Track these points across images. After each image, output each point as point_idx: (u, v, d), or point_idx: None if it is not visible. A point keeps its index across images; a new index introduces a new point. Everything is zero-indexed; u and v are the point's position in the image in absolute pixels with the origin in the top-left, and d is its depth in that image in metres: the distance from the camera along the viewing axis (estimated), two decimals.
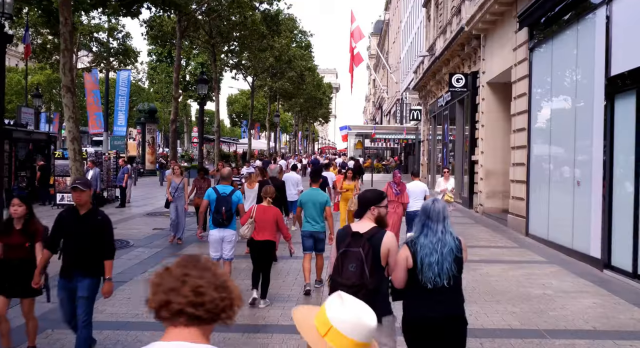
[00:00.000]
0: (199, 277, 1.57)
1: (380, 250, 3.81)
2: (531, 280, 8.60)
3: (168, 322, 1.57)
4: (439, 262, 3.58)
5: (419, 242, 3.67)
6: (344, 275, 3.76)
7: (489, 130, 17.89)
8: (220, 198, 7.31)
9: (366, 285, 3.67)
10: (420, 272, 3.61)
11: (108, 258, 4.97)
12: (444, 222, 3.68)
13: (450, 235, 3.67)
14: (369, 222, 4.00)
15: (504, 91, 17.42)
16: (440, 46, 24.27)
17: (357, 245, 3.80)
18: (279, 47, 25.64)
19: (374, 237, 3.83)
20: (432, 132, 29.15)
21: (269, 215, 7.07)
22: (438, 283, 3.58)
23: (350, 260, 3.77)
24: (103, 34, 28.74)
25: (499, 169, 17.68)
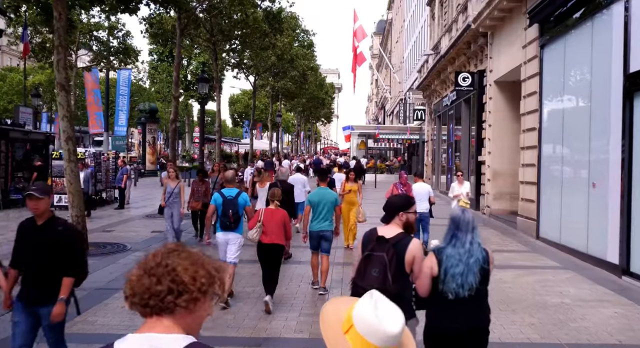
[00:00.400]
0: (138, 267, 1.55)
1: (405, 256, 3.77)
2: (547, 287, 8.17)
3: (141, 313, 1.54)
4: (464, 273, 3.54)
5: (446, 251, 3.61)
6: (366, 279, 3.72)
7: (496, 130, 17.45)
8: (227, 201, 7.23)
9: (388, 290, 3.53)
10: (443, 282, 3.57)
11: (67, 275, 4.17)
12: (473, 232, 3.63)
13: (478, 246, 3.62)
14: (396, 227, 3.95)
15: (512, 90, 16.99)
16: (445, 44, 23.84)
17: (381, 249, 3.76)
18: (281, 46, 25.23)
19: (400, 243, 3.79)
20: (436, 132, 28.71)
21: (276, 218, 7.00)
22: (459, 294, 3.54)
23: (373, 265, 3.74)
24: (103, 33, 28.37)
25: (507, 170, 17.25)
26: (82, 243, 4.39)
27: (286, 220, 7.09)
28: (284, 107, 51.51)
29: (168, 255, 1.56)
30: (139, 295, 1.52)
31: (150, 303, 1.51)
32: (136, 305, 1.53)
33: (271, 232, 6.93)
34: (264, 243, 6.98)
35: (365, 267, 3.79)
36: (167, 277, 1.51)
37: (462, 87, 19.07)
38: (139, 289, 1.52)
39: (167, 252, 1.57)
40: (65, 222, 4.37)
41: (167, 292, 1.50)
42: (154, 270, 1.53)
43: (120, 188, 17.50)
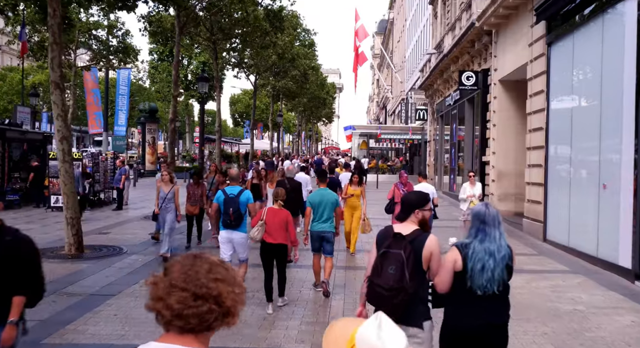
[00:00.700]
0: (185, 289, 1.53)
1: (422, 253, 3.68)
2: (558, 293, 7.86)
3: (165, 328, 1.57)
4: (494, 268, 3.47)
5: (472, 246, 3.53)
6: (382, 278, 3.63)
7: (501, 129, 17.14)
8: (228, 199, 7.21)
9: (405, 288, 3.55)
10: (470, 278, 3.49)
11: (19, 293, 3.61)
12: (499, 227, 3.59)
13: (505, 241, 3.58)
14: (412, 224, 3.86)
15: (517, 89, 16.68)
16: (448, 43, 23.53)
17: (398, 247, 3.67)
18: (282, 45, 24.91)
19: (417, 240, 3.71)
20: (439, 132, 28.40)
21: (280, 217, 6.89)
22: (489, 290, 3.48)
23: (390, 262, 3.65)
24: (102, 32, 28.07)
25: (512, 170, 16.95)
26: (36, 256, 3.77)
27: (289, 220, 6.97)
28: (284, 107, 51.22)
29: (207, 274, 1.57)
30: (184, 319, 1.53)
31: (191, 325, 1.54)
32: (174, 326, 1.55)
33: (275, 231, 6.82)
34: (267, 243, 6.86)
35: (382, 265, 3.69)
36: (212, 300, 1.55)
37: (466, 86, 18.76)
38: (185, 312, 1.53)
39: (205, 271, 1.58)
40: (17, 232, 3.78)
41: (212, 315, 1.55)
42: (200, 291, 1.54)
43: (118, 189, 17.19)
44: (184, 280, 1.55)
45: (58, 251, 10.37)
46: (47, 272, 8.54)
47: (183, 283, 1.55)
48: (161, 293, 1.55)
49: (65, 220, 10.31)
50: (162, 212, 10.14)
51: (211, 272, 1.58)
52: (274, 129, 43.35)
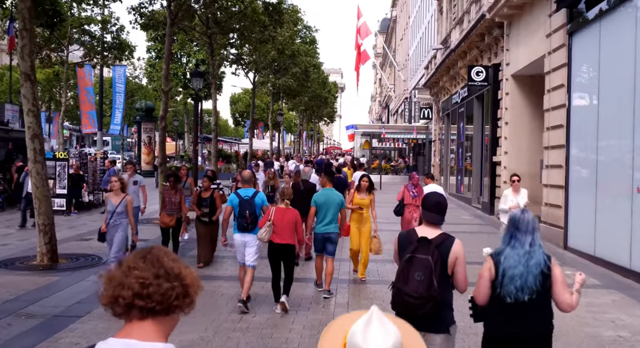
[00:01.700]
0: (145, 269, 1.55)
1: (448, 258, 3.58)
2: (594, 313, 6.82)
3: (124, 317, 1.56)
4: (523, 275, 3.36)
5: (504, 253, 3.46)
6: (410, 285, 3.49)
7: (513, 128, 16.11)
8: (243, 201, 7.06)
9: (434, 296, 3.44)
10: (500, 284, 3.40)
11: None
12: (534, 234, 3.46)
13: (539, 248, 3.44)
14: (436, 228, 3.73)
15: (532, 84, 15.68)
16: (455, 38, 22.48)
17: (425, 252, 3.54)
18: (282, 40, 23.87)
19: (443, 244, 3.60)
20: (444, 131, 27.35)
21: (288, 217, 6.79)
22: (519, 297, 3.35)
23: (417, 268, 3.51)
24: (95, 27, 27.07)
25: (525, 171, 15.82)
26: None
27: (298, 220, 6.88)
28: (285, 105, 50.19)
29: (165, 257, 1.60)
30: (146, 298, 1.52)
31: (152, 304, 1.53)
32: (135, 309, 1.54)
33: (282, 231, 6.71)
34: (275, 243, 6.73)
35: (408, 271, 3.53)
36: (173, 278, 1.56)
37: (476, 82, 17.72)
38: (146, 291, 1.52)
39: (163, 254, 1.62)
40: None
41: (173, 291, 1.55)
42: (160, 271, 1.56)
43: (106, 191, 16.12)
44: (143, 262, 1.57)
45: (29, 261, 9.35)
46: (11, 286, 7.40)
47: (142, 264, 1.56)
48: (119, 279, 1.54)
49: (37, 227, 9.31)
50: (109, 229, 8.04)
51: (168, 255, 1.63)
52: (274, 129, 42.29)
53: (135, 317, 1.54)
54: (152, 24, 17.40)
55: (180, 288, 1.56)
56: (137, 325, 1.54)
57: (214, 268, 9.33)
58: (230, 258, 10.19)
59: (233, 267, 9.53)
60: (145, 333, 1.53)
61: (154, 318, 1.54)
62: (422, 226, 3.80)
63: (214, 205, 9.27)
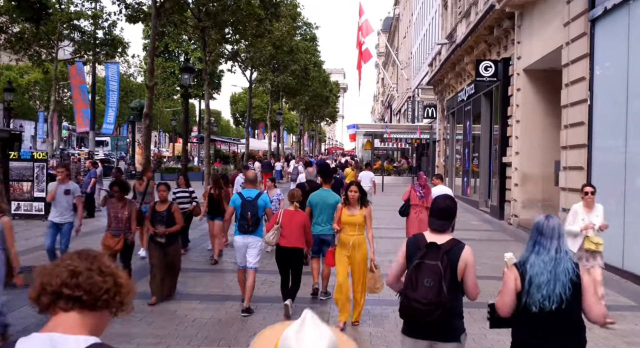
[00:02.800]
0: (78, 261, 1.55)
1: (457, 264, 3.47)
2: (634, 345, 5.69)
3: (51, 310, 1.52)
4: (550, 282, 3.22)
5: (529, 260, 3.32)
6: (419, 292, 3.38)
7: (525, 126, 14.99)
8: (246, 202, 6.83)
9: (444, 303, 3.33)
10: (527, 293, 3.27)
11: None
12: (559, 240, 3.31)
13: (566, 255, 3.29)
14: (446, 233, 3.61)
15: (545, 79, 14.58)
16: (462, 32, 21.35)
17: (434, 258, 3.43)
18: (279, 35, 22.77)
19: (452, 251, 3.49)
20: (449, 131, 26.19)
21: (296, 220, 6.67)
22: (546, 307, 3.20)
23: (425, 274, 3.40)
24: (85, 22, 26.01)
25: (538, 173, 14.82)
26: None
27: (307, 222, 6.76)
28: (285, 105, 49.10)
29: (101, 256, 1.60)
30: (73, 287, 1.50)
31: (80, 293, 1.50)
32: (62, 299, 1.50)
33: (290, 234, 6.59)
34: (282, 246, 6.64)
35: (417, 277, 3.44)
36: (107, 274, 1.55)
37: (484, 77, 16.58)
38: (75, 280, 1.51)
39: (97, 254, 1.61)
40: None
41: (105, 285, 1.53)
42: (93, 266, 1.54)
43: (86, 194, 15.06)
44: (78, 257, 1.56)
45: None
46: None
47: (77, 257, 1.55)
48: (49, 269, 1.53)
49: None
50: None
51: (106, 256, 1.61)
52: (273, 128, 41.19)
53: (61, 308, 1.50)
54: (138, 16, 16.28)
55: (112, 284, 1.54)
56: (63, 317, 1.49)
57: (187, 285, 8.20)
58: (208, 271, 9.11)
59: (213, 281, 8.46)
60: (69, 326, 1.48)
61: (81, 310, 1.50)
62: (430, 232, 3.65)
63: (172, 221, 7.31)
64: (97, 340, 1.48)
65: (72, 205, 8.43)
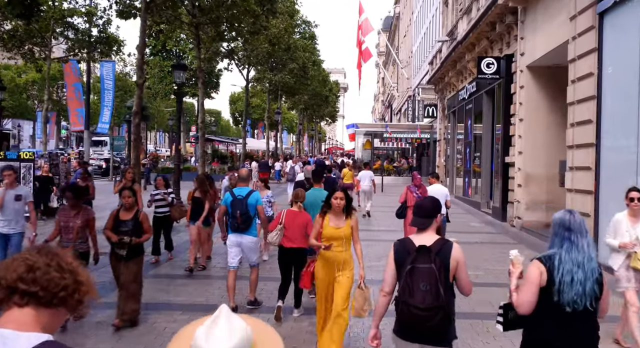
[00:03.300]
0: (36, 257, 1.51)
1: (449, 264, 3.43)
2: None
3: (4, 305, 1.49)
4: (584, 281, 3.11)
5: (559, 257, 3.19)
6: (416, 297, 3.29)
7: (528, 125, 14.49)
8: (236, 201, 6.81)
9: (443, 306, 3.27)
10: (558, 292, 3.13)
11: None
12: (587, 236, 3.24)
13: (593, 252, 3.21)
14: (432, 233, 3.57)
15: (549, 76, 14.10)
16: (463, 29, 20.84)
17: (426, 260, 3.38)
18: (276, 32, 22.26)
19: (442, 251, 3.45)
20: (451, 130, 25.67)
21: (299, 221, 6.54)
22: (579, 306, 3.11)
23: (421, 278, 3.33)
24: (79, 20, 25.53)
25: (542, 173, 14.31)
26: None
27: (309, 224, 6.45)
28: (284, 104, 48.61)
29: (62, 253, 1.56)
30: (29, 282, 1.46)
31: (35, 289, 1.46)
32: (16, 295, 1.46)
33: (294, 235, 6.48)
34: (285, 247, 6.54)
35: (412, 282, 3.32)
36: (66, 271, 1.51)
37: (486, 75, 16.07)
38: (31, 275, 1.47)
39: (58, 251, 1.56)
40: None
41: (62, 281, 1.50)
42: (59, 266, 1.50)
43: None
44: (37, 252, 1.52)
45: None
46: None
47: (36, 251, 1.52)
48: (6, 263, 1.50)
49: None
50: None
51: (68, 253, 1.57)
52: (271, 128, 40.69)
53: (15, 303, 1.46)
54: (130, 11, 15.78)
55: (71, 281, 1.50)
56: (16, 313, 1.45)
57: (169, 293, 7.68)
58: (193, 278, 8.60)
59: (198, 290, 7.95)
60: (22, 323, 1.44)
61: (36, 307, 1.46)
62: (416, 234, 3.62)
63: (140, 231, 6.34)
64: (49, 338, 1.45)
65: (23, 212, 7.51)
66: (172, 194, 9.91)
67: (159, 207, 9.83)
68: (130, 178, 9.74)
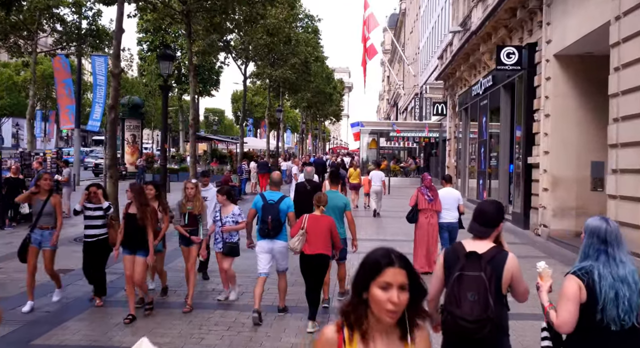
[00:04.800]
0: None
1: (502, 275, 3.20)
2: None
3: None
4: (629, 297, 2.92)
5: (597, 271, 2.99)
6: (463, 308, 3.07)
7: (556, 121, 12.86)
8: (267, 206, 6.60)
9: (492, 318, 3.05)
10: (602, 310, 2.92)
11: None
12: (624, 246, 3.06)
13: (633, 264, 3.03)
14: (487, 240, 3.32)
15: (581, 66, 12.56)
16: (477, 18, 19.20)
17: (476, 268, 3.14)
18: (275, 23, 20.67)
19: (495, 259, 3.21)
20: (462, 129, 24.02)
21: (322, 225, 6.30)
22: (627, 323, 2.91)
23: (468, 287, 3.10)
24: (66, 10, 24.04)
25: (571, 176, 12.70)
26: None
27: (333, 227, 6.43)
28: (287, 102, 47.04)
29: None
30: None
31: None
32: None
33: (316, 241, 6.24)
34: (307, 254, 6.27)
35: (459, 291, 3.11)
36: None
37: (506, 66, 14.43)
38: None
39: None
40: None
41: None
42: None
43: None
44: None
45: None
46: None
47: None
48: None
49: None
50: None
51: None
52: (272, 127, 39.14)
53: None
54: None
55: None
56: None
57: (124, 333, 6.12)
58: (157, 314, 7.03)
59: (163, 325, 6.38)
60: None
61: None
62: (470, 239, 3.36)
63: None
64: None
65: None
66: (111, 209, 7.50)
67: (89, 229, 7.27)
68: (47, 186, 7.14)
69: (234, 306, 7.32)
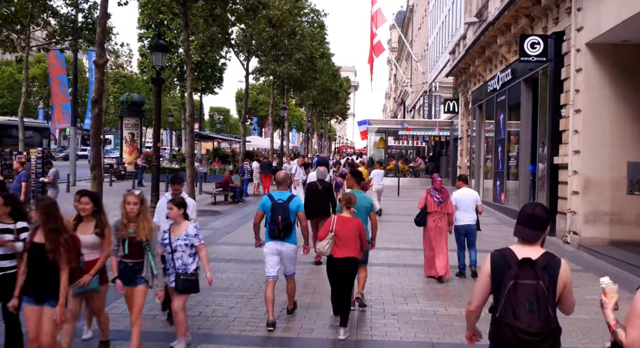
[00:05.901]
0: None
1: (557, 283, 3.01)
2: None
3: None
4: None
5: None
6: (523, 320, 2.89)
7: (588, 118, 11.62)
8: (277, 206, 6.30)
9: (554, 331, 2.93)
10: None
11: None
12: None
13: None
14: (537, 246, 3.11)
15: (617, 56, 11.39)
16: (495, 7, 17.94)
17: (531, 276, 2.95)
18: (279, 14, 19.49)
19: (549, 267, 3.01)
20: (476, 127, 22.75)
21: (351, 227, 6.10)
22: None
23: (525, 297, 2.91)
24: (60, 2, 22.91)
25: (605, 178, 11.48)
26: None
27: (362, 229, 6.18)
28: (292, 100, 45.85)
29: None
30: None
31: None
32: None
33: (345, 243, 6.02)
34: (336, 257, 6.02)
35: (516, 301, 2.92)
36: None
37: (531, 56, 13.18)
38: None
39: None
40: None
41: None
42: None
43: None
44: None
45: None
46: None
47: None
48: None
49: None
50: None
51: None
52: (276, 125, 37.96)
53: None
54: None
55: None
56: None
57: None
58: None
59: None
60: None
61: None
62: (518, 245, 3.14)
63: None
64: None
65: None
66: (24, 232, 5.00)
67: None
68: None
69: None
